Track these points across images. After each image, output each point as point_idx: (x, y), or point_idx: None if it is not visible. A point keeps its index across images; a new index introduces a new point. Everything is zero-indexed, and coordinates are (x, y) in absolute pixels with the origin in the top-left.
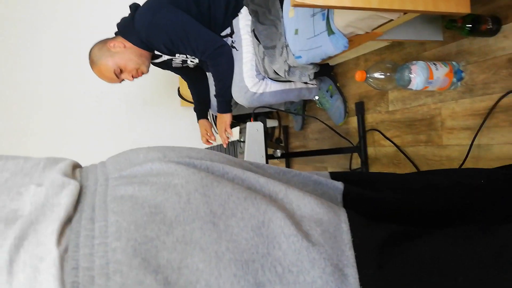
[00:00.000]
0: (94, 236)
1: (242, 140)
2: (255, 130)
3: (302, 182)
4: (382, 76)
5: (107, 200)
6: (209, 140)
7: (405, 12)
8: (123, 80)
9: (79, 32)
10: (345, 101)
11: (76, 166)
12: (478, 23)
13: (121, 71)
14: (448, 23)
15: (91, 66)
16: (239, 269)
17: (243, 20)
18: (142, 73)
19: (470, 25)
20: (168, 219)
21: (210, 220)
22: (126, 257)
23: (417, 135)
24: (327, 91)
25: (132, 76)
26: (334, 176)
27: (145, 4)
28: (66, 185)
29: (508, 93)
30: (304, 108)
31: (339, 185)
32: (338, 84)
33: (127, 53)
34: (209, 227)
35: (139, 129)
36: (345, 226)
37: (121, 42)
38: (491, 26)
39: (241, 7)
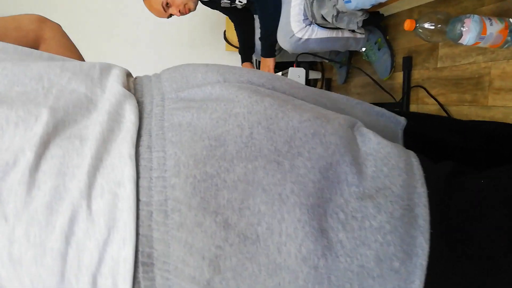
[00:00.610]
0: (152, 167)
1: None
2: (296, 76)
3: (366, 110)
4: (433, 27)
5: (164, 126)
6: None
7: None
8: (170, 15)
9: None
10: (393, 55)
11: (129, 76)
12: None
13: (169, 5)
14: None
15: (143, 1)
16: (304, 214)
17: None
18: (189, 10)
19: None
20: (229, 154)
21: (275, 159)
22: (185, 195)
23: (463, 94)
24: (375, 43)
25: (179, 11)
26: (399, 113)
27: None
28: (128, 99)
29: None
30: (350, 59)
31: (402, 120)
32: (387, 37)
33: None
34: (273, 167)
35: None
36: (415, 161)
37: None
38: None
39: None
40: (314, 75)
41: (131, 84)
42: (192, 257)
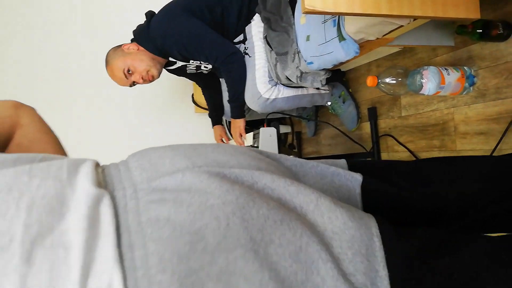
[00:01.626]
0: (135, 267)
1: (255, 145)
2: (268, 135)
3: (320, 173)
4: (394, 81)
5: (142, 222)
6: None
7: (415, 18)
8: (134, 83)
9: (97, 39)
10: (357, 107)
11: (97, 166)
12: (489, 28)
13: (131, 73)
14: (459, 28)
15: (105, 67)
16: None
17: (256, 27)
18: (153, 77)
19: (481, 30)
20: (210, 247)
21: (251, 247)
22: None
23: (431, 140)
24: (339, 97)
25: (142, 79)
26: (351, 164)
27: (160, 11)
28: (102, 198)
29: None
30: (317, 113)
31: (358, 176)
32: (350, 90)
33: (139, 55)
34: (251, 255)
35: (153, 135)
36: (377, 241)
37: (135, 45)
38: (501, 31)
39: (254, 14)
40: (284, 129)
41: (100, 176)
42: None
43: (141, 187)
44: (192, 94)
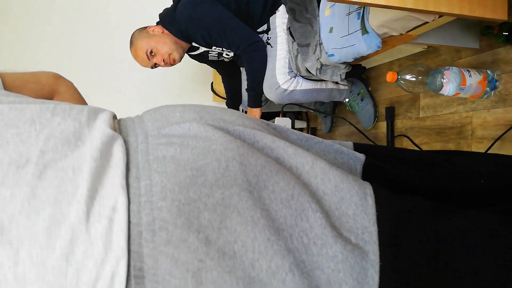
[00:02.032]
0: (140, 194)
1: None
2: (282, 126)
3: (324, 150)
4: (414, 79)
5: (149, 159)
6: None
7: (440, 14)
8: (155, 65)
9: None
10: (375, 105)
11: (114, 118)
12: None
13: (154, 54)
14: (484, 29)
15: (130, 48)
16: (272, 234)
17: (280, 18)
18: (174, 61)
19: (507, 33)
20: (209, 182)
21: (247, 188)
22: (171, 216)
23: (446, 143)
24: (358, 94)
25: (164, 61)
26: (357, 146)
27: None
28: (116, 139)
29: None
30: (334, 110)
31: (361, 156)
32: (369, 88)
33: (163, 37)
34: (245, 194)
35: None
36: (370, 200)
37: (161, 28)
38: None
39: (279, 5)
40: (299, 124)
41: (116, 125)
42: (177, 269)
43: (152, 133)
44: (212, 82)
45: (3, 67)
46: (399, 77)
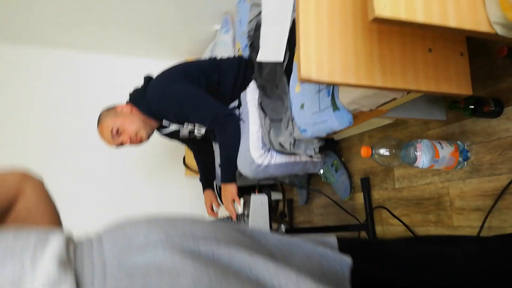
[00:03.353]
0: None
1: (246, 214)
2: (259, 203)
3: (307, 254)
4: (388, 153)
5: None
6: (215, 211)
7: (408, 91)
8: (121, 144)
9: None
10: (350, 176)
11: (69, 242)
12: (480, 105)
13: (120, 133)
14: (451, 103)
15: (97, 127)
16: None
17: (251, 94)
18: (141, 139)
19: (473, 107)
20: None
21: None
22: None
23: (426, 215)
24: (332, 166)
25: (130, 140)
26: (342, 243)
27: (158, 76)
28: (62, 284)
29: None
30: (309, 181)
31: (348, 259)
32: (343, 159)
33: (131, 116)
34: None
35: (144, 196)
36: None
37: (129, 107)
38: (493, 108)
39: (249, 81)
40: (275, 196)
41: (72, 253)
42: None
43: (111, 265)
44: (184, 157)
45: None
46: (373, 151)
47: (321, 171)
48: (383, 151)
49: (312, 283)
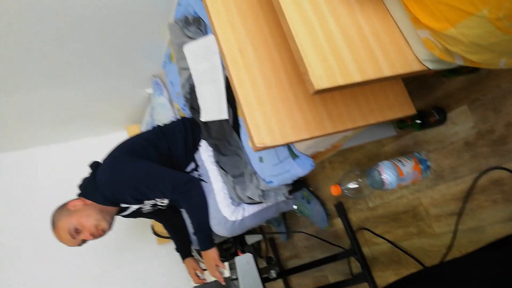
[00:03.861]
0: None
1: (234, 277)
2: (245, 263)
3: None
4: (356, 185)
5: None
6: (200, 278)
7: (358, 128)
8: (84, 241)
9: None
10: (323, 204)
11: None
12: (426, 117)
13: (79, 231)
14: (399, 123)
15: (52, 230)
16: None
17: (205, 153)
18: (103, 231)
19: (420, 121)
20: None
21: None
22: None
23: (407, 228)
24: (303, 198)
25: (92, 235)
26: None
27: (104, 160)
28: None
29: (480, 175)
30: (284, 217)
31: None
32: (310, 188)
33: (86, 210)
34: None
35: (121, 277)
36: None
37: (81, 201)
38: (438, 117)
39: (199, 140)
40: (255, 238)
41: None
42: None
43: None
44: (152, 226)
45: None
46: (342, 188)
47: (295, 207)
48: (352, 185)
49: None
